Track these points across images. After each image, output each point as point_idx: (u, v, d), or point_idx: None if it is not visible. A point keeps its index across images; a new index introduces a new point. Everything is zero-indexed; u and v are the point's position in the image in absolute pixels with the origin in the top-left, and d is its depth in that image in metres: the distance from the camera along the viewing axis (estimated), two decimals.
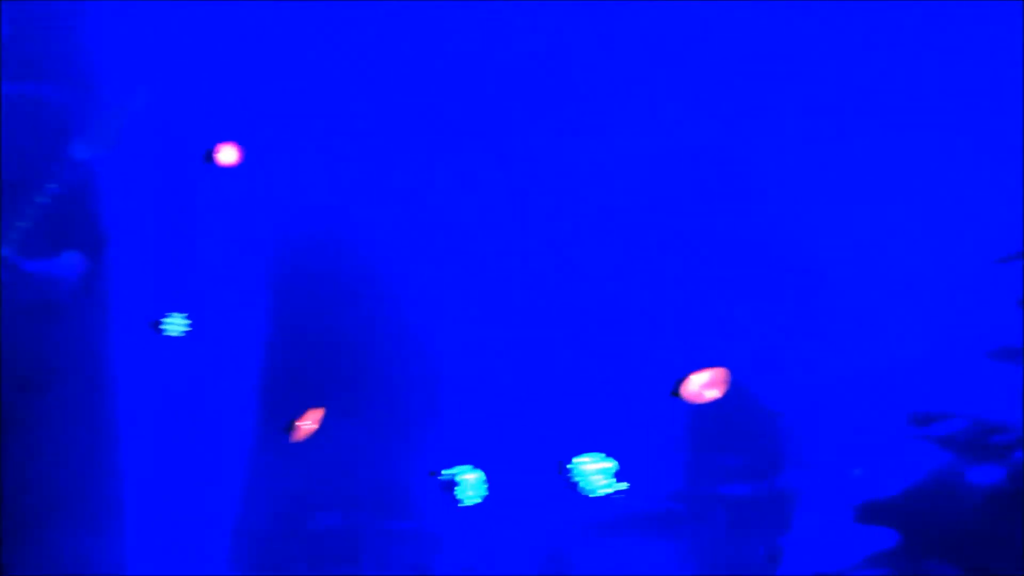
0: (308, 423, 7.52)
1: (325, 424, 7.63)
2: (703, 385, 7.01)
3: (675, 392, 6.94)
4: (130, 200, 6.85)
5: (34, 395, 4.06)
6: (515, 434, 7.42)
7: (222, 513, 7.25)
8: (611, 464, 7.01)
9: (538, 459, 7.23)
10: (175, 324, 7.29)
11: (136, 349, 7.15)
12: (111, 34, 6.80)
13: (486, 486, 7.29)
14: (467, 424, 7.60)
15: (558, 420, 7.35)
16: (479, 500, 7.28)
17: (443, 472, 7.31)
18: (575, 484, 7.03)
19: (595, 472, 7.03)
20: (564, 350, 7.50)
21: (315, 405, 7.66)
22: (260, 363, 7.49)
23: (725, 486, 6.44)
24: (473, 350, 7.75)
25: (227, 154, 7.55)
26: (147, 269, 7.12)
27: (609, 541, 6.48)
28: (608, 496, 6.95)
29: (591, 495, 7.00)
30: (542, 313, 7.57)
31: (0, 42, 3.98)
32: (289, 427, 7.56)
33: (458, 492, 7.29)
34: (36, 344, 4.09)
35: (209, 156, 7.46)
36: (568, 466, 7.04)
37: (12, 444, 3.96)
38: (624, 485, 6.91)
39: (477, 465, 7.32)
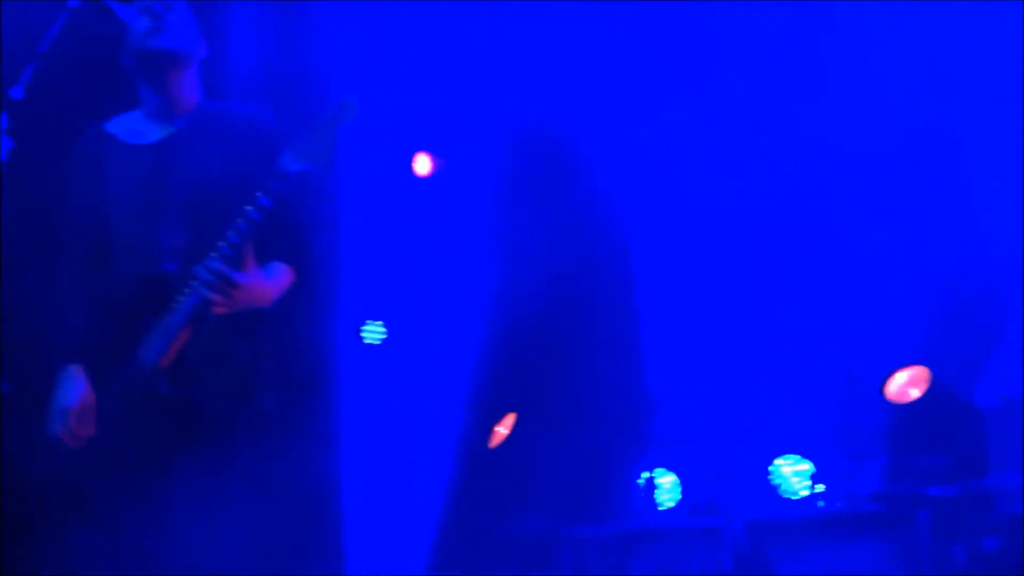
0: (505, 428, 7.61)
1: (525, 427, 7.69)
2: (905, 384, 6.88)
3: (884, 391, 6.82)
4: (339, 209, 6.99)
5: (246, 403, 4.18)
6: (712, 433, 7.35)
7: (426, 516, 7.34)
8: (809, 466, 6.92)
9: (736, 459, 7.15)
10: (373, 332, 7.44)
11: (345, 355, 7.31)
12: (323, 46, 6.97)
13: (681, 488, 7.26)
14: (665, 424, 7.55)
15: (756, 419, 7.25)
16: (676, 502, 7.26)
17: (641, 474, 7.31)
18: (775, 486, 6.95)
19: (794, 474, 6.95)
20: (762, 347, 7.39)
21: (517, 409, 7.73)
22: (467, 367, 7.55)
23: (929, 487, 6.26)
24: (674, 348, 7.70)
25: (422, 164, 7.68)
26: (354, 277, 7.26)
27: (810, 543, 6.37)
28: (808, 498, 6.85)
29: (790, 497, 6.91)
30: (741, 307, 7.48)
31: (185, 53, 4.12)
32: (490, 431, 7.65)
33: (656, 495, 7.27)
34: (248, 354, 4.21)
35: (412, 165, 7.59)
36: (768, 468, 6.97)
37: (222, 449, 4.10)
38: (822, 487, 6.80)
39: (674, 467, 7.30)
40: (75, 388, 4.06)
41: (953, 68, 6.76)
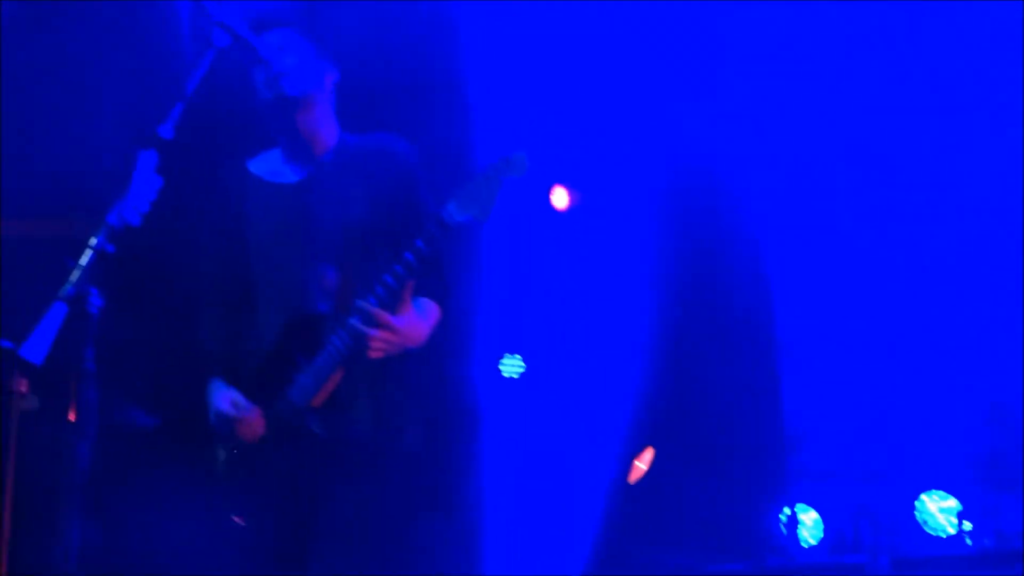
0: (643, 463, 7.56)
1: (667, 462, 7.64)
2: None
3: None
4: (478, 242, 7.03)
5: (394, 441, 4.22)
6: (855, 469, 7.23)
7: (570, 552, 7.32)
8: (955, 503, 6.77)
9: (880, 495, 7.02)
10: (511, 366, 7.46)
11: (490, 389, 7.33)
12: (489, 99, 7.03)
13: (824, 525, 7.15)
14: (807, 459, 7.45)
15: (900, 453, 7.11)
16: (819, 539, 7.16)
17: (783, 511, 7.21)
18: (920, 522, 6.81)
19: (940, 511, 6.80)
20: (904, 378, 7.26)
21: (658, 443, 7.68)
22: (607, 401, 7.53)
23: None
24: (816, 382, 7.59)
25: (559, 197, 7.69)
26: (492, 311, 7.29)
27: None
28: (954, 535, 6.71)
29: (936, 534, 6.76)
30: (882, 339, 7.35)
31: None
32: (629, 467, 7.61)
33: (798, 531, 7.17)
34: (397, 392, 4.26)
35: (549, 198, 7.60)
36: (914, 503, 6.84)
37: (371, 482, 4.13)
38: (969, 525, 6.65)
39: (816, 503, 7.19)
40: (230, 396, 4.12)
41: None
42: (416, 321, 4.02)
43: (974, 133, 7.08)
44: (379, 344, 3.93)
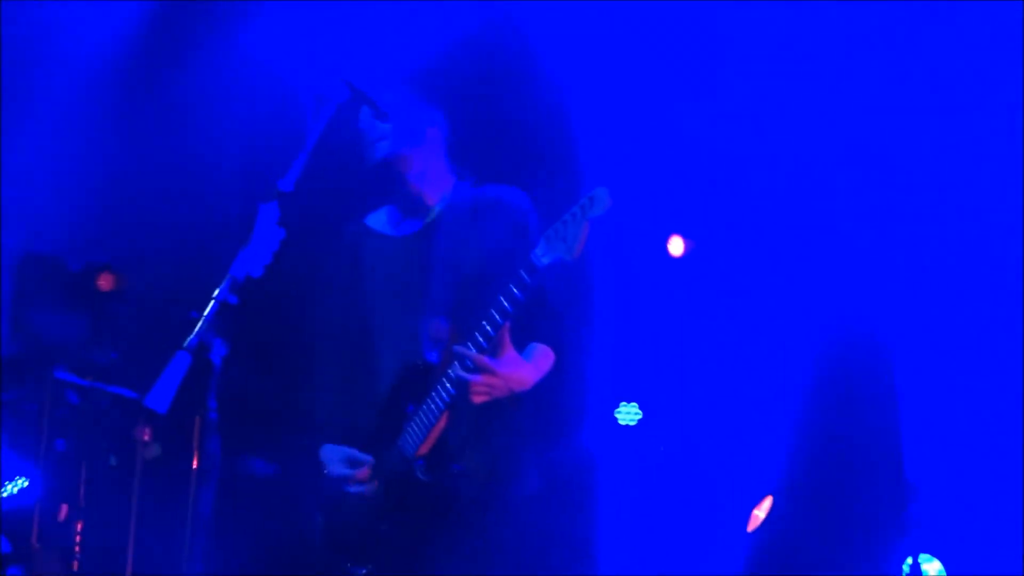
0: (762, 511, 7.48)
1: (787, 510, 7.55)
2: None
3: None
4: (592, 289, 7.03)
5: (504, 488, 4.22)
6: (976, 519, 7.08)
7: None
8: None
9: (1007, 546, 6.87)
10: (628, 414, 7.43)
11: (600, 436, 7.32)
12: (579, 140, 7.06)
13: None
14: (928, 509, 7.30)
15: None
16: None
17: (906, 561, 7.09)
18: None
19: None
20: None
21: (777, 492, 7.60)
22: (724, 449, 7.48)
23: None
24: (935, 431, 7.45)
25: (676, 245, 7.67)
26: (607, 358, 7.28)
27: None
28: None
29: None
30: (1000, 386, 7.19)
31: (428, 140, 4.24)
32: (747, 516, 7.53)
33: None
34: (506, 439, 4.27)
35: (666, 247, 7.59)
36: None
37: (481, 536, 4.13)
38: None
39: (939, 553, 7.05)
40: (343, 453, 4.17)
41: None
42: (519, 364, 4.01)
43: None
44: (481, 388, 3.94)
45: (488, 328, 3.89)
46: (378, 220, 4.44)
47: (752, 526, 7.53)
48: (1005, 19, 6.69)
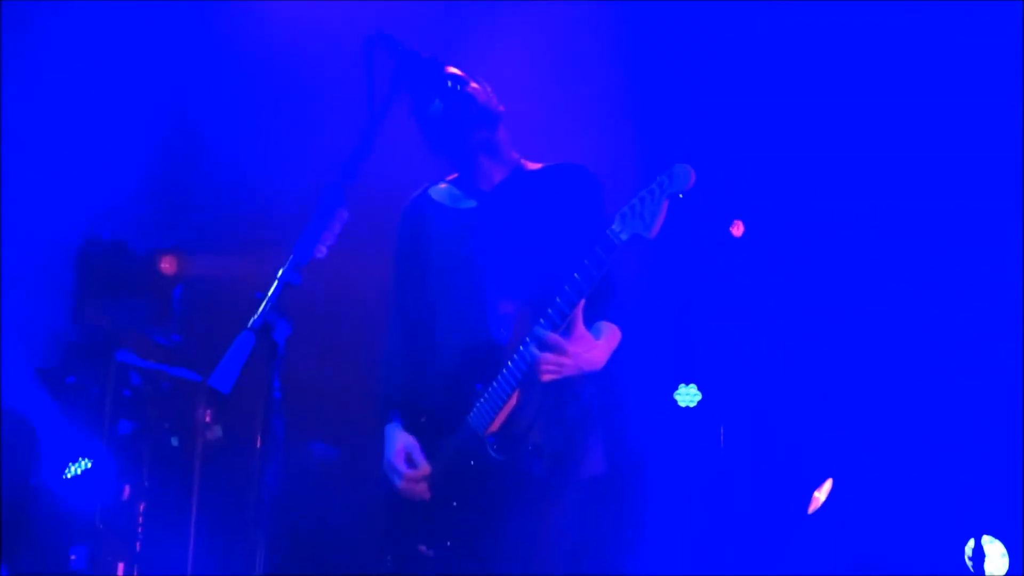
0: (822, 494, 7.44)
1: (844, 493, 7.50)
2: None
3: None
4: (656, 269, 7.01)
5: (573, 468, 4.22)
6: None
7: None
8: None
9: None
10: (688, 395, 7.40)
11: (661, 417, 7.30)
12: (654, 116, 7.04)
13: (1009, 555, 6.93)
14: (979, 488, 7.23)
15: None
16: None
17: (968, 543, 7.03)
18: None
19: None
20: None
21: (835, 474, 7.55)
22: (783, 431, 7.43)
23: None
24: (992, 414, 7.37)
25: (738, 230, 7.63)
26: (668, 338, 7.26)
27: None
28: None
29: None
30: None
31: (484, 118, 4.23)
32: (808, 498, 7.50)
33: (983, 562, 6.97)
34: (576, 418, 4.26)
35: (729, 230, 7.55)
36: None
37: (549, 514, 4.13)
38: None
39: (1001, 535, 6.98)
40: (406, 448, 4.17)
41: None
42: (590, 343, 3.99)
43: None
44: (551, 367, 3.92)
45: (562, 305, 3.86)
46: (441, 194, 4.44)
47: (813, 508, 7.50)
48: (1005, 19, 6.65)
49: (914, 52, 7.04)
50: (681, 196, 3.82)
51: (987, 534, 7.00)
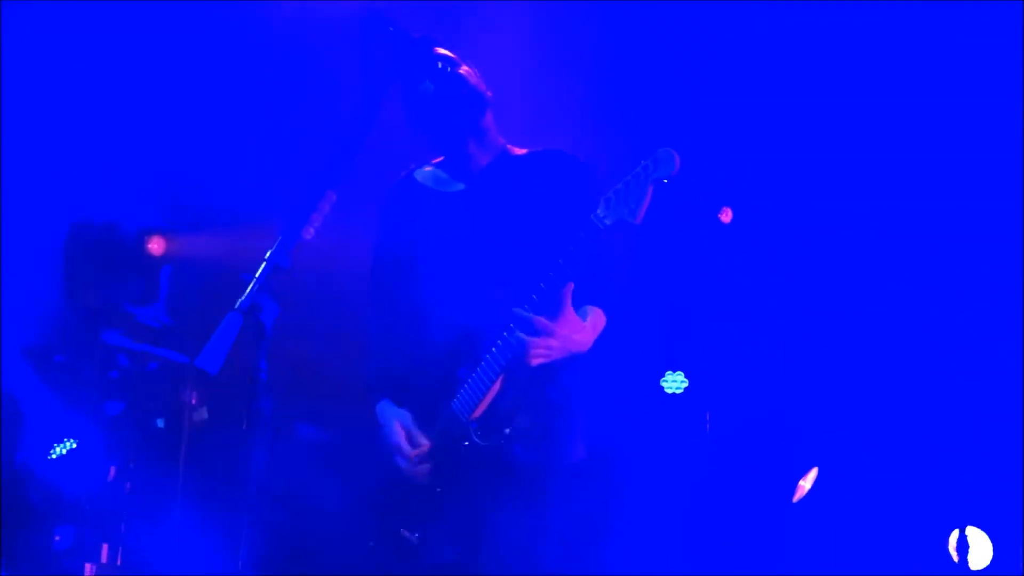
0: (807, 482, 7.46)
1: (829, 481, 7.52)
2: None
3: None
4: (641, 254, 7.00)
5: (556, 453, 4.22)
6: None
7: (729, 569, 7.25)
8: None
9: None
10: (674, 382, 7.41)
11: (641, 404, 7.30)
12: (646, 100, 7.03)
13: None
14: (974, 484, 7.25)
15: None
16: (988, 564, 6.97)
17: (952, 533, 7.05)
18: None
19: None
20: None
21: (820, 463, 7.57)
22: (769, 418, 7.44)
23: None
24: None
25: (727, 216, 7.63)
26: (653, 325, 7.26)
27: None
28: None
29: None
30: None
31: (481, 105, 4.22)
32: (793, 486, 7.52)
33: (967, 551, 7.00)
34: (558, 403, 4.26)
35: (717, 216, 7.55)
36: None
37: (533, 491, 4.13)
38: None
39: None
40: (403, 427, 4.17)
41: None
42: (576, 326, 3.99)
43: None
44: (539, 351, 3.91)
45: (546, 290, 3.86)
46: (426, 176, 4.43)
47: (797, 497, 7.51)
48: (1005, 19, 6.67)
49: (906, 40, 7.04)
50: (666, 181, 3.81)
51: (979, 528, 7.02)
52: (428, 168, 4.44)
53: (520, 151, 4.38)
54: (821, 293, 7.42)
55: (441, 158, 4.41)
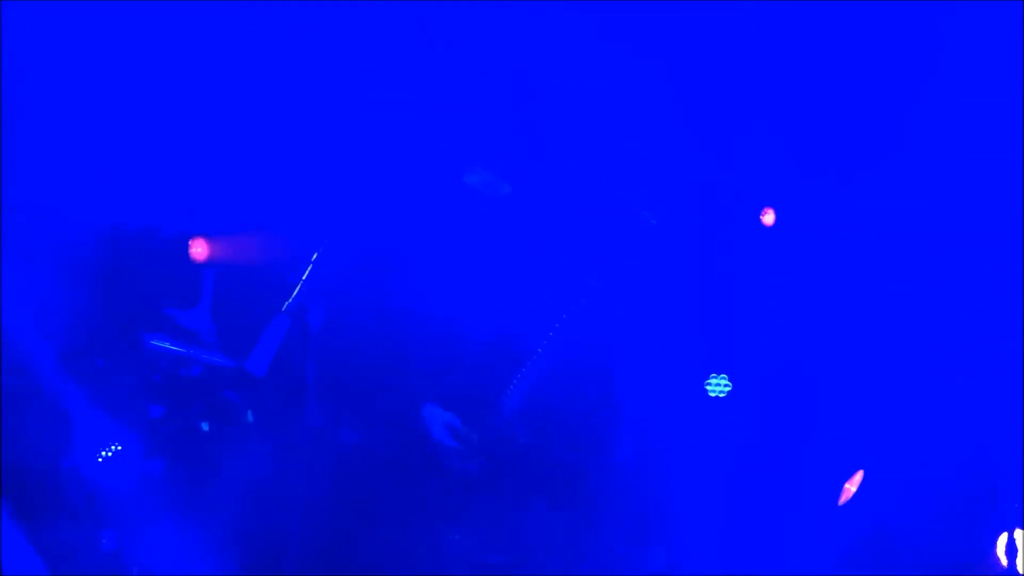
0: (853, 485, 7.42)
1: (878, 483, 7.49)
2: None
3: None
4: (685, 259, 7.00)
5: (600, 453, 4.23)
6: None
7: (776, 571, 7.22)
8: None
9: None
10: (718, 385, 7.39)
11: (686, 407, 7.28)
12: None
13: None
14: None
15: None
16: None
17: (1001, 535, 7.00)
18: None
19: None
20: None
21: (868, 467, 7.53)
22: (815, 421, 7.41)
23: None
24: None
25: (769, 218, 7.61)
26: (697, 328, 7.24)
27: None
28: None
29: None
30: None
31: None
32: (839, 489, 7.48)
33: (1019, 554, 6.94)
34: (602, 404, 4.27)
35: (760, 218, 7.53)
36: None
37: (577, 489, 4.14)
38: None
39: None
40: (447, 422, 4.17)
41: None
42: (613, 328, 4.01)
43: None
44: (578, 351, 3.94)
45: (592, 289, 3.88)
46: (471, 180, 4.44)
47: (843, 499, 7.47)
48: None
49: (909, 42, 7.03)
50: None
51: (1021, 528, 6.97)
52: (473, 171, 4.45)
53: (564, 154, 4.38)
54: (865, 295, 7.39)
55: (486, 161, 4.42)
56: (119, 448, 6.86)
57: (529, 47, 5.79)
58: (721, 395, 7.41)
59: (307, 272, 3.33)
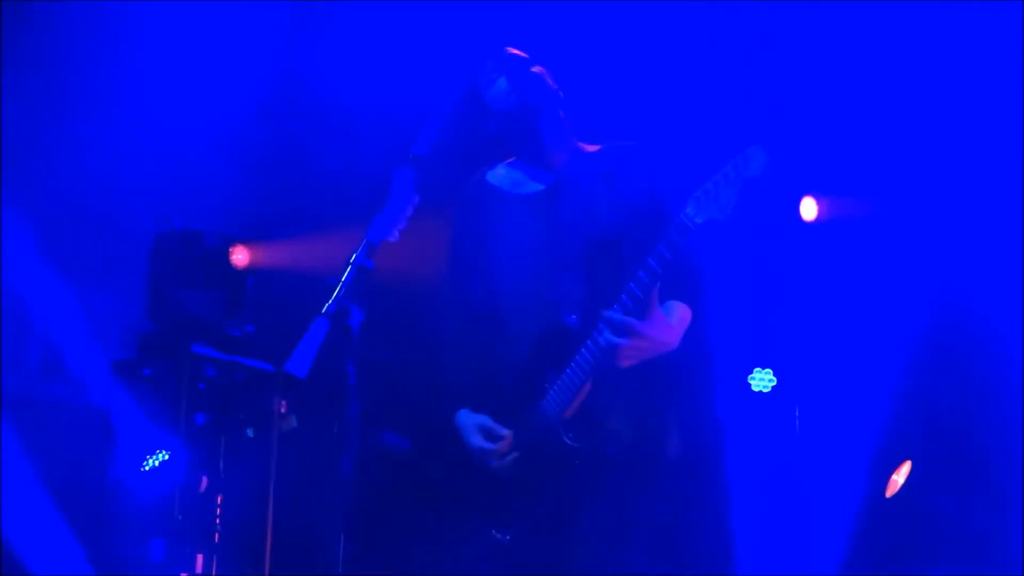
0: (900, 476, 7.36)
1: (923, 475, 7.42)
2: None
3: None
4: (729, 250, 6.96)
5: (651, 451, 4.18)
6: None
7: (822, 567, 7.17)
8: None
9: None
10: (762, 379, 7.35)
11: (733, 401, 7.25)
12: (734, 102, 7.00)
13: None
14: None
15: None
16: None
17: None
18: None
19: None
20: None
21: (914, 457, 7.47)
22: (860, 414, 7.34)
23: None
24: None
25: (808, 208, 7.54)
26: (742, 322, 7.21)
27: None
28: None
29: None
30: None
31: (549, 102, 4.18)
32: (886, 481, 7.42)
33: None
34: (652, 401, 4.23)
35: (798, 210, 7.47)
36: None
37: (629, 492, 4.11)
38: None
39: None
40: (480, 427, 4.15)
41: None
42: (665, 325, 3.97)
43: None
44: (629, 352, 3.90)
45: (635, 289, 3.84)
46: (500, 178, 4.40)
47: (891, 491, 7.42)
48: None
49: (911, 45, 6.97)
50: (755, 178, 3.79)
51: None
52: (501, 169, 4.41)
53: (592, 148, 4.35)
54: (911, 288, 7.32)
55: (513, 158, 4.38)
56: (166, 457, 6.89)
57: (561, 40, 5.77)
58: (766, 390, 7.37)
59: (346, 274, 3.31)
